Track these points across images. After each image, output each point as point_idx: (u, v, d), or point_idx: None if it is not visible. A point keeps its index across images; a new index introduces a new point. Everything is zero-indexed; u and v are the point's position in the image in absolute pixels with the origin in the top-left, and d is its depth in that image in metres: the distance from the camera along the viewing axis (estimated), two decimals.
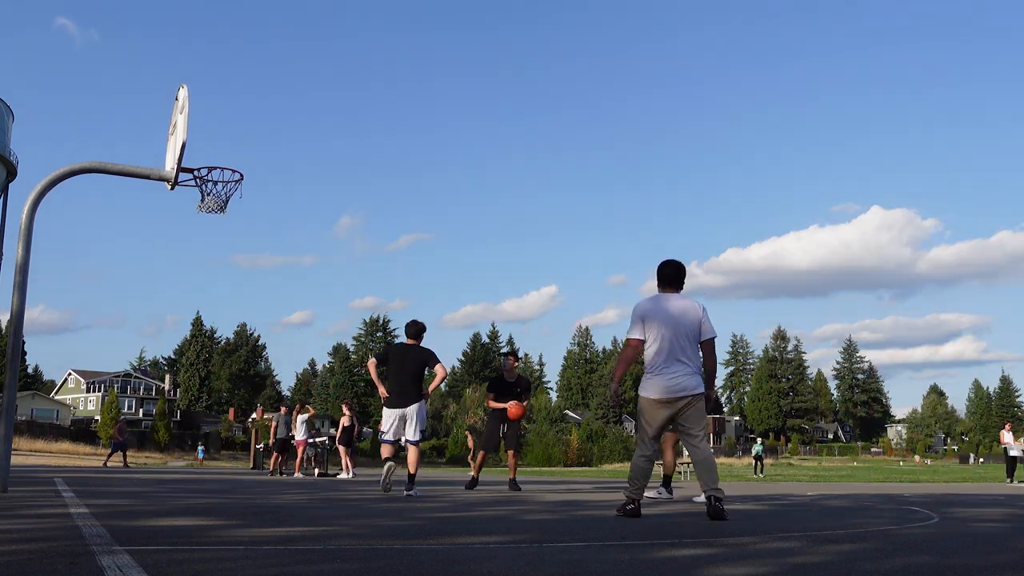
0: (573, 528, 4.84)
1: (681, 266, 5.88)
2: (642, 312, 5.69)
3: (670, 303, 5.71)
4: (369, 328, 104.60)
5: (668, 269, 5.86)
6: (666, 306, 5.68)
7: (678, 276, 5.85)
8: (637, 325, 5.68)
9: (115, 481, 12.67)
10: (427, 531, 4.45)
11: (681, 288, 5.86)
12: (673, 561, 3.29)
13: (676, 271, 5.85)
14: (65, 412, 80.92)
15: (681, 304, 5.70)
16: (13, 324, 8.03)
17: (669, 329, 5.59)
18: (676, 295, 5.80)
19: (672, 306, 5.68)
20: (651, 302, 5.75)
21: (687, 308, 5.68)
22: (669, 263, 5.90)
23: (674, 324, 5.60)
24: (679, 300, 5.74)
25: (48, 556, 3.08)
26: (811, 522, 5.59)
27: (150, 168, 8.89)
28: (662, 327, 5.60)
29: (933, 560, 3.46)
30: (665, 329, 5.59)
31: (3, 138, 23.37)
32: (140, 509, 6.03)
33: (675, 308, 5.67)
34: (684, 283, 5.88)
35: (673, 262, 5.90)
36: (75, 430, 65.56)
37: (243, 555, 3.27)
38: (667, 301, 5.73)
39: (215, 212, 9.29)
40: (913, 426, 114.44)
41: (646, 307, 5.71)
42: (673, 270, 5.85)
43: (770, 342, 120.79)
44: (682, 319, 5.63)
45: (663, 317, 5.62)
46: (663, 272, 5.87)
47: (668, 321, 5.61)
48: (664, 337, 5.57)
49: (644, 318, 5.67)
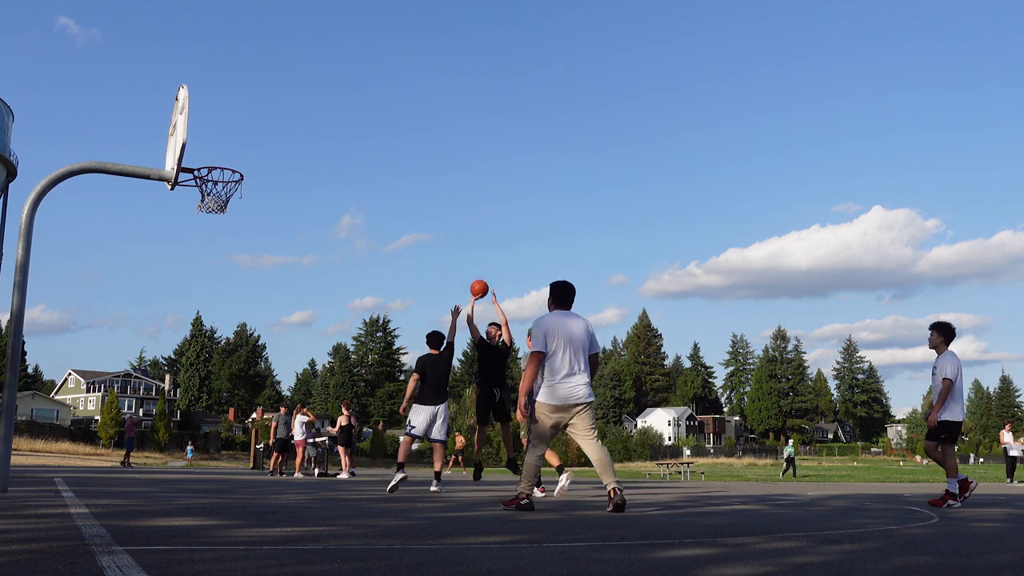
0: (573, 528, 4.84)
1: (572, 287, 6.48)
2: (545, 327, 6.19)
3: (567, 319, 6.27)
4: (369, 328, 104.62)
5: (562, 289, 6.43)
6: (565, 322, 6.23)
7: (570, 295, 6.45)
8: (541, 340, 6.16)
9: (115, 481, 12.67)
10: (427, 531, 4.46)
11: (571, 306, 6.45)
12: (673, 561, 3.29)
13: (569, 291, 6.45)
14: (65, 412, 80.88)
15: (576, 321, 6.29)
16: (13, 324, 8.03)
17: (567, 343, 6.14)
18: (570, 312, 6.40)
19: (569, 322, 6.24)
20: (552, 318, 6.28)
21: (580, 324, 6.28)
22: (562, 283, 6.46)
23: (571, 339, 6.16)
24: (574, 317, 6.34)
25: (48, 556, 3.08)
26: (811, 522, 5.59)
27: (150, 168, 8.89)
28: (562, 341, 6.14)
29: (933, 560, 3.46)
30: (564, 343, 6.13)
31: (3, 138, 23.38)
32: (140, 509, 6.03)
33: (571, 324, 6.24)
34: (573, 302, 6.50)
35: (566, 283, 6.47)
36: (75, 430, 65.53)
37: (243, 555, 3.26)
38: (565, 318, 6.28)
39: (215, 212, 9.29)
40: (913, 426, 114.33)
41: (549, 323, 6.23)
42: (567, 290, 6.44)
43: (770, 342, 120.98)
44: (577, 334, 6.20)
45: (563, 332, 6.17)
46: (557, 292, 6.42)
47: (566, 336, 6.16)
48: (563, 350, 6.12)
49: (547, 333, 6.16)
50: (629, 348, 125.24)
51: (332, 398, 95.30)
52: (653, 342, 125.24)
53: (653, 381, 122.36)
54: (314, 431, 22.05)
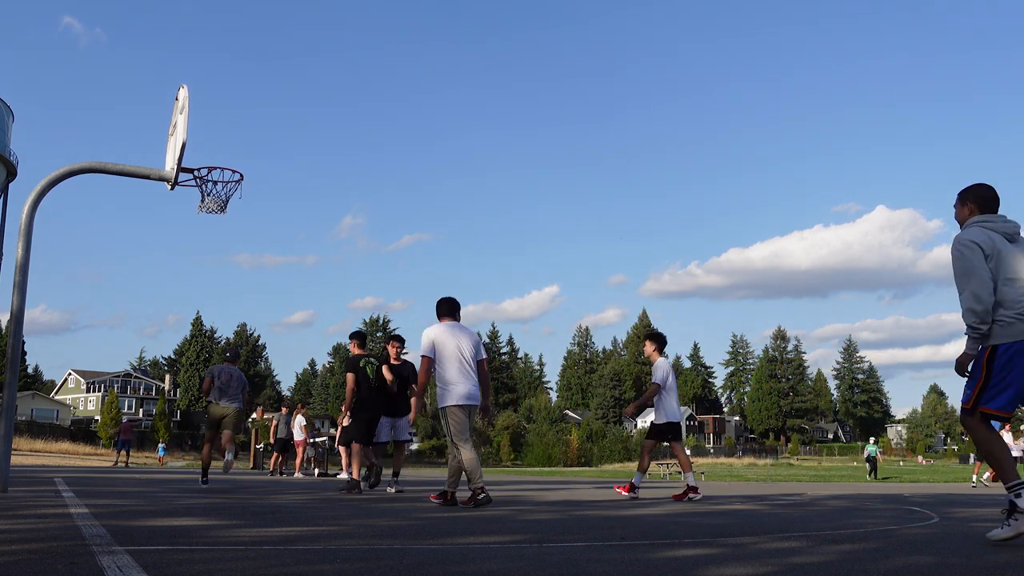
0: (573, 528, 4.85)
1: (458, 301, 7.18)
2: (433, 336, 6.85)
3: (455, 330, 6.94)
4: (369, 328, 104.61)
5: (448, 304, 7.10)
6: (454, 332, 6.91)
7: (456, 309, 7.13)
8: (429, 347, 6.81)
9: (115, 481, 12.68)
10: (427, 531, 4.46)
11: (458, 318, 7.13)
12: (673, 561, 3.29)
13: (455, 305, 7.13)
14: (65, 412, 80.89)
15: (464, 331, 6.99)
16: (13, 324, 8.03)
17: (457, 351, 6.82)
18: (457, 323, 7.07)
19: (457, 332, 6.92)
20: (440, 328, 6.92)
21: (468, 334, 6.99)
22: (448, 299, 7.13)
23: (460, 347, 6.84)
24: (461, 328, 7.03)
25: (48, 556, 3.08)
26: (811, 522, 5.59)
27: (150, 168, 8.89)
28: (452, 349, 6.81)
29: (933, 560, 3.46)
30: (455, 351, 6.81)
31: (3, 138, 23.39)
32: (140, 509, 6.03)
33: (460, 334, 6.92)
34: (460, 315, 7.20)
35: (451, 298, 7.14)
36: (75, 430, 65.55)
37: (243, 555, 3.27)
38: (453, 328, 6.95)
39: (215, 212, 9.29)
40: (913, 426, 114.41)
41: (436, 332, 6.88)
42: (452, 304, 7.12)
43: (770, 342, 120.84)
44: (465, 343, 6.88)
45: (453, 341, 6.84)
46: (444, 306, 7.09)
47: (458, 345, 6.84)
48: (455, 357, 6.80)
49: (435, 341, 6.83)
50: (629, 348, 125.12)
51: (332, 398, 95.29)
52: None
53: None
54: (314, 431, 22.05)
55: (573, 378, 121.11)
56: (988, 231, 4.25)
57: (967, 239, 4.23)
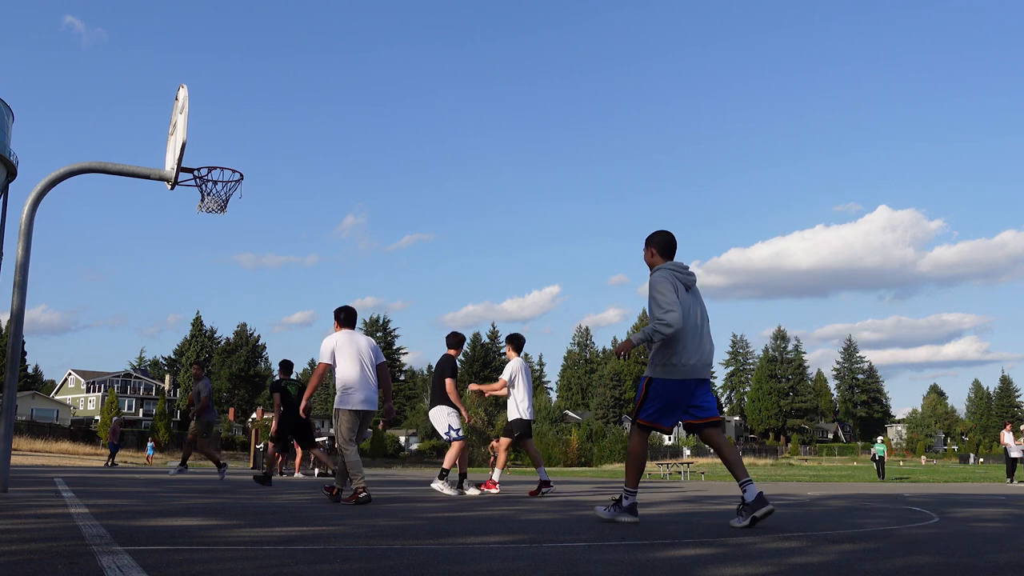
0: (573, 528, 4.85)
1: (354, 310, 7.49)
2: (333, 344, 7.16)
3: (354, 337, 7.28)
4: (369, 328, 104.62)
5: (346, 312, 7.42)
6: (353, 340, 7.24)
7: (353, 317, 7.46)
8: (328, 354, 7.13)
9: (115, 481, 12.68)
10: (427, 531, 4.46)
11: (355, 327, 7.47)
12: (673, 561, 3.29)
13: (352, 314, 7.44)
14: (65, 412, 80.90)
15: (362, 339, 7.32)
16: (13, 324, 8.03)
17: (357, 357, 7.12)
18: (356, 331, 7.43)
19: (356, 340, 7.26)
20: (339, 336, 7.23)
21: (366, 342, 7.32)
22: (346, 308, 7.43)
23: (360, 353, 7.16)
24: (360, 335, 7.38)
25: (48, 556, 3.08)
26: (811, 522, 5.59)
27: (150, 168, 8.89)
28: (352, 355, 7.10)
29: (933, 560, 3.46)
30: (355, 357, 7.11)
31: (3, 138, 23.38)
32: (140, 509, 6.03)
33: (359, 341, 7.27)
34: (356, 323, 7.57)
35: (349, 307, 7.45)
36: (75, 430, 65.49)
37: (243, 555, 3.27)
38: (352, 336, 7.28)
39: (215, 212, 9.29)
40: (913, 426, 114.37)
41: (337, 340, 7.20)
42: (350, 313, 7.42)
43: (770, 342, 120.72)
44: (365, 350, 7.22)
45: (352, 348, 7.15)
46: (342, 315, 7.38)
47: (357, 351, 7.15)
48: (355, 363, 7.08)
49: (334, 349, 7.14)
50: None
51: (332, 398, 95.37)
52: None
53: None
54: (314, 431, 22.03)
55: (573, 378, 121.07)
56: (676, 277, 5.07)
57: (668, 271, 5.08)
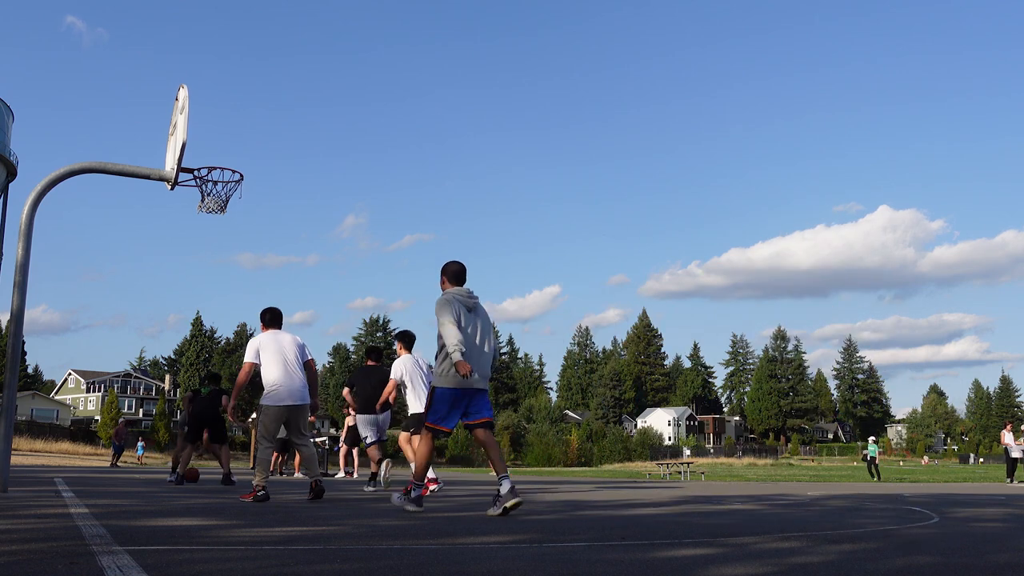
0: (573, 528, 4.84)
1: (280, 311, 7.67)
2: (258, 344, 7.38)
3: (279, 336, 7.48)
4: (369, 328, 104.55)
5: (271, 313, 7.63)
6: (278, 339, 7.45)
7: (279, 317, 7.65)
8: (253, 353, 7.33)
9: (115, 481, 12.68)
10: (427, 531, 4.45)
11: (281, 326, 7.64)
12: (673, 561, 3.29)
13: (277, 314, 7.65)
14: (65, 412, 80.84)
15: (288, 337, 7.52)
16: (13, 324, 8.03)
17: (283, 355, 7.32)
18: (282, 331, 7.60)
19: (282, 339, 7.46)
20: (265, 336, 7.46)
21: (293, 340, 7.52)
22: (271, 309, 7.64)
23: (285, 351, 7.35)
24: (286, 334, 7.56)
25: (48, 556, 3.08)
26: (811, 522, 5.59)
27: (150, 168, 8.89)
28: (276, 353, 7.30)
29: (933, 560, 3.46)
30: (281, 355, 7.31)
31: (3, 138, 23.37)
32: (140, 509, 6.03)
33: (284, 340, 7.46)
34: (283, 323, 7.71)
35: (274, 308, 7.66)
36: (75, 430, 65.48)
37: (243, 555, 3.27)
38: (277, 335, 7.48)
39: (215, 212, 9.29)
40: (913, 426, 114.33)
41: (262, 340, 7.42)
42: (275, 313, 7.64)
43: (770, 342, 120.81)
44: (291, 348, 7.42)
45: (277, 347, 7.35)
46: (268, 316, 7.60)
47: (281, 349, 7.35)
48: (280, 361, 7.30)
49: (259, 348, 7.35)
50: (629, 348, 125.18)
51: (332, 398, 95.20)
52: (653, 342, 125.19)
53: (653, 381, 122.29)
54: (314, 431, 22.03)
55: (573, 378, 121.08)
56: (457, 301, 5.82)
57: (450, 295, 5.85)
